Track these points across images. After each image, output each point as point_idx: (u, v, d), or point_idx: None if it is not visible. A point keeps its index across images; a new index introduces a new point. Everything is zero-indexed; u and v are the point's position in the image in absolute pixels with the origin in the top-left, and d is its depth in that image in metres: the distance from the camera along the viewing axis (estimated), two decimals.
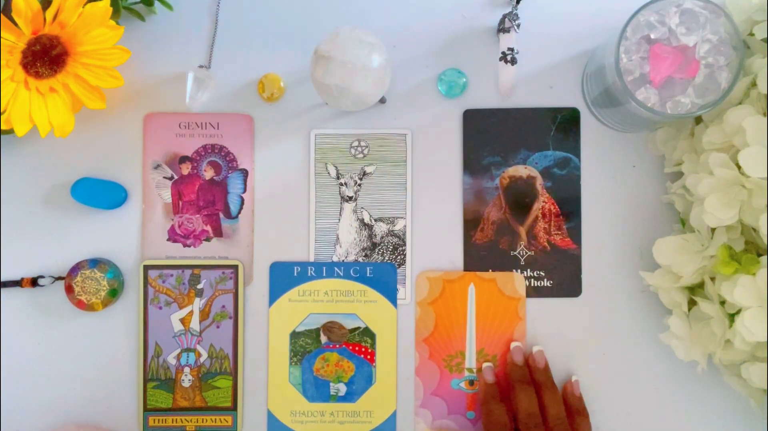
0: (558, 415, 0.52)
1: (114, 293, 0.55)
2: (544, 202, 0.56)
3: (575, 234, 0.56)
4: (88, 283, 0.54)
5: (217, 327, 0.56)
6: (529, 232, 0.56)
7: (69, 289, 0.54)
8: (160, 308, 0.56)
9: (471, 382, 0.56)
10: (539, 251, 0.56)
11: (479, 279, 0.56)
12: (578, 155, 0.56)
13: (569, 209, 0.56)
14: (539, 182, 0.56)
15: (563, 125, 0.56)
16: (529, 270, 0.56)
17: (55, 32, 0.48)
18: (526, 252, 0.56)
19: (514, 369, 0.54)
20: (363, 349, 0.56)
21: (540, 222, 0.56)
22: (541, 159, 0.56)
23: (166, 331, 0.56)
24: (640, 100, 0.47)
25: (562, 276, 0.56)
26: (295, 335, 0.56)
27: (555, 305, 0.56)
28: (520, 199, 0.56)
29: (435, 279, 0.56)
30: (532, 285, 0.56)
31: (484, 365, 0.55)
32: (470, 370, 0.56)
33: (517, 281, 0.56)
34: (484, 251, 0.56)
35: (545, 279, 0.56)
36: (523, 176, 0.56)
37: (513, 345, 0.55)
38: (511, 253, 0.56)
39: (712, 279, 0.49)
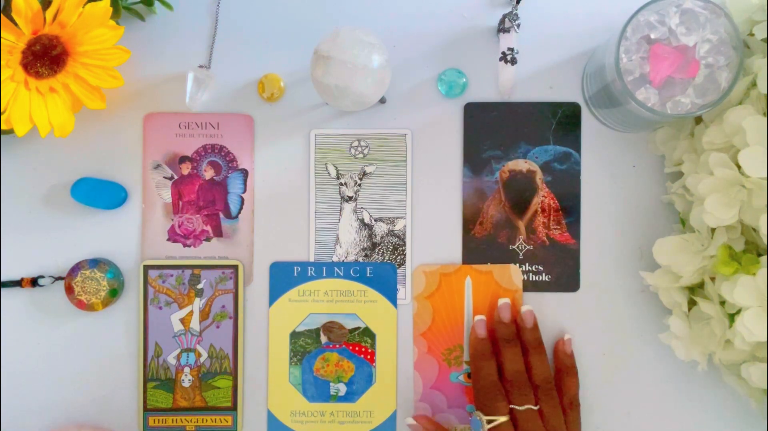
0: (542, 375, 0.52)
1: (114, 293, 0.55)
2: (543, 197, 0.56)
3: (574, 230, 0.56)
4: (88, 283, 0.54)
5: (217, 327, 0.56)
6: (528, 226, 0.56)
7: (69, 289, 0.54)
8: (160, 308, 0.56)
9: (470, 375, 0.56)
10: (538, 245, 0.56)
11: (476, 272, 0.56)
12: (579, 150, 0.56)
13: (569, 204, 0.56)
14: (539, 176, 0.56)
15: (564, 120, 0.56)
16: (527, 264, 0.56)
17: (55, 32, 0.48)
18: (525, 247, 0.56)
19: (500, 327, 0.54)
20: (363, 349, 0.56)
21: (539, 217, 0.56)
22: (541, 153, 0.56)
23: (166, 331, 0.56)
24: (640, 100, 0.47)
25: (561, 270, 0.56)
26: (295, 335, 0.56)
27: (553, 299, 0.56)
28: (519, 193, 0.56)
29: (431, 273, 0.56)
30: (531, 279, 0.56)
31: (476, 318, 0.54)
32: (469, 363, 0.56)
33: (513, 273, 0.56)
34: (482, 245, 0.56)
35: (543, 274, 0.56)
36: (523, 170, 0.56)
37: (501, 301, 0.54)
38: (510, 247, 0.56)
39: (712, 279, 0.49)
